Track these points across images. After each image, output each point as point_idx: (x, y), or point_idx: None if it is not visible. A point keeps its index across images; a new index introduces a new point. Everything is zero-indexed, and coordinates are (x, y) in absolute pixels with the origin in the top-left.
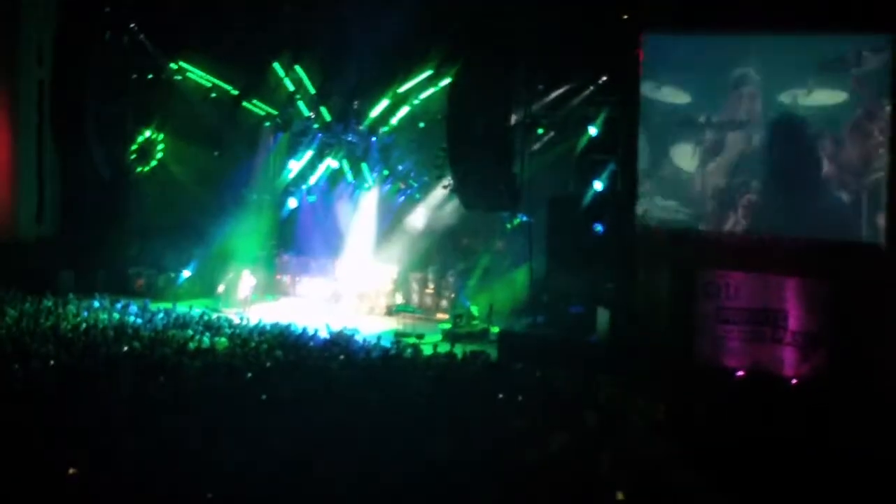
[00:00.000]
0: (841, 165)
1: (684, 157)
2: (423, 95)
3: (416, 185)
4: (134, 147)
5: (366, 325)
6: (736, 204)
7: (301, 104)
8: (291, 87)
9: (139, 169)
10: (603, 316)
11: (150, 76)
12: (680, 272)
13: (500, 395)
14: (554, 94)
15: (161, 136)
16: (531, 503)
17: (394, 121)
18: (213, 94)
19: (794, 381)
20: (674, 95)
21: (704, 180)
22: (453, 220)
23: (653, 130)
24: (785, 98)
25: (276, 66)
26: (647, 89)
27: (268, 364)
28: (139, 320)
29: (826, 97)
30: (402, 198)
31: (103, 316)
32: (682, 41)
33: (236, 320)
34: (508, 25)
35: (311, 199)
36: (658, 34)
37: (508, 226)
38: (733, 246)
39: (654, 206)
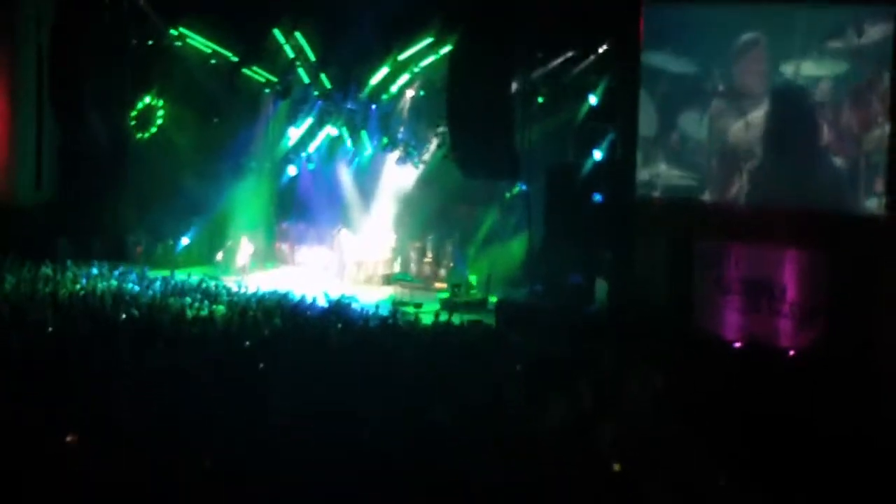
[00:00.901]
0: (841, 134)
1: (692, 124)
2: (424, 63)
3: (415, 153)
4: (133, 114)
5: (364, 294)
6: (741, 171)
7: (301, 71)
8: (291, 54)
9: (138, 136)
10: (602, 286)
11: (149, 42)
12: (678, 242)
13: (498, 364)
14: (554, 63)
15: (161, 103)
16: (529, 473)
17: (393, 89)
18: (213, 61)
19: (791, 352)
20: (681, 64)
21: (711, 147)
22: (452, 189)
23: (660, 98)
24: (787, 67)
25: (277, 32)
26: (653, 59)
27: (266, 332)
28: (137, 287)
29: (827, 67)
30: (401, 166)
31: (102, 283)
32: (684, 10)
33: (235, 288)
34: None
35: (311, 166)
36: (660, 3)
37: (507, 195)
38: (732, 216)
39: (661, 173)
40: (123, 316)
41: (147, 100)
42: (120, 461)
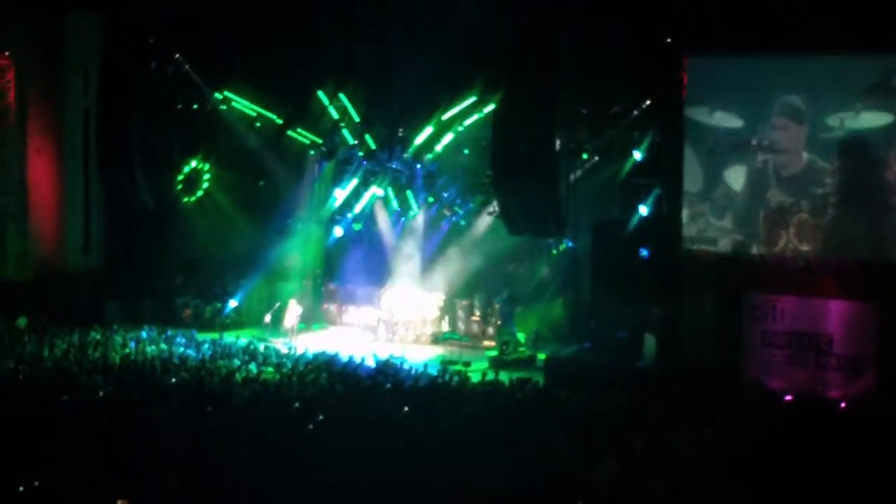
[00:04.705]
0: (888, 186)
1: (737, 178)
2: (468, 122)
3: (461, 211)
4: (180, 177)
5: (412, 354)
6: (788, 224)
7: (346, 132)
8: (336, 116)
9: (185, 199)
10: (650, 341)
11: (195, 106)
12: (726, 296)
13: (548, 422)
14: (598, 119)
15: (207, 166)
16: None
17: (438, 148)
18: (258, 124)
19: (841, 404)
20: (726, 120)
21: (757, 201)
22: (498, 247)
23: (705, 153)
24: (832, 121)
25: (321, 94)
26: (697, 114)
27: (315, 393)
28: (186, 351)
29: (872, 119)
30: (448, 225)
31: (151, 347)
32: (727, 64)
33: (283, 350)
34: (552, 51)
35: (357, 227)
36: (702, 57)
37: (554, 251)
38: (779, 269)
39: (708, 227)
40: (173, 380)
41: (193, 163)
42: None
